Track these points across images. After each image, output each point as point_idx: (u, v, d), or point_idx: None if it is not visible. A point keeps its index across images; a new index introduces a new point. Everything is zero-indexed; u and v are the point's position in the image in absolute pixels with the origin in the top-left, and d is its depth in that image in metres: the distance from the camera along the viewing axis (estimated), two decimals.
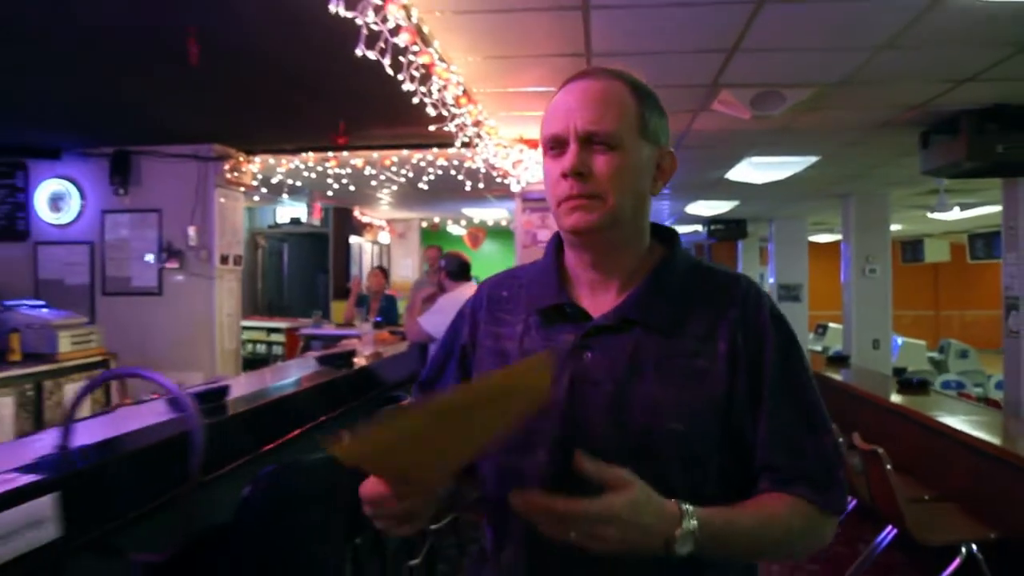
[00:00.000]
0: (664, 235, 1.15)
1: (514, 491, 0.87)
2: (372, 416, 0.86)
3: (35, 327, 4.64)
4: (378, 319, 6.40)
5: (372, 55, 2.69)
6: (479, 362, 1.16)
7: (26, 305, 5.00)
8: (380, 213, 11.79)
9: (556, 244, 1.17)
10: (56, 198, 6.48)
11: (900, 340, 11.12)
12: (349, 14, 2.46)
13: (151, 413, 2.37)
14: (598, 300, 1.10)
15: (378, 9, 2.62)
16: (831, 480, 1.04)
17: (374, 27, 2.66)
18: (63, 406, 4.45)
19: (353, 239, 11.28)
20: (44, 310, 5.02)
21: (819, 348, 12.14)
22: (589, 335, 1.06)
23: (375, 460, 0.85)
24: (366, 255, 12.00)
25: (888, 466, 3.42)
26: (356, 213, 11.11)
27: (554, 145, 1.06)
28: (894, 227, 12.57)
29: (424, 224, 13.10)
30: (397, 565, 2.98)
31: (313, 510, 2.13)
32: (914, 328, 15.58)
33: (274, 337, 8.21)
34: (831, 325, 13.02)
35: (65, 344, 4.68)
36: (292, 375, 3.42)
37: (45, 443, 1.84)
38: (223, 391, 2.48)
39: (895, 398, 4.87)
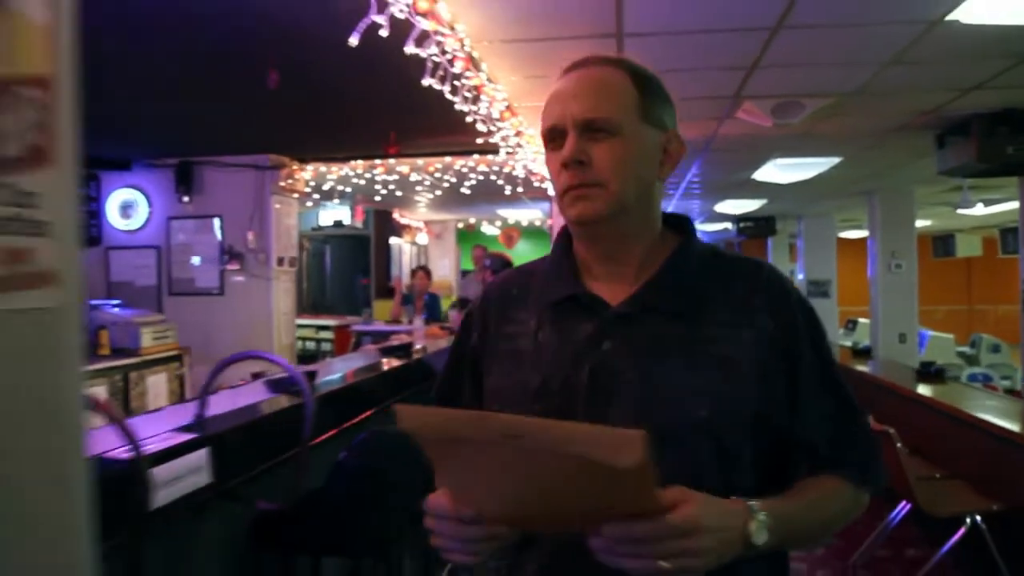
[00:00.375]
0: (677, 223, 1.12)
1: (592, 536, 0.82)
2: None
3: (120, 324, 5.13)
4: (424, 316, 6.84)
5: (436, 84, 3.10)
6: (491, 366, 1.12)
7: (108, 305, 5.50)
8: (418, 215, 12.25)
9: (565, 237, 1.14)
10: (126, 206, 7.01)
11: (929, 334, 11.31)
12: (419, 51, 2.87)
13: (251, 393, 2.80)
14: (613, 290, 1.06)
15: (439, 43, 3.03)
16: (873, 460, 1.07)
17: (435, 59, 3.06)
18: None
19: (393, 240, 11.76)
20: (125, 309, 5.52)
21: (849, 343, 12.36)
22: (608, 324, 1.03)
23: (429, 431, 0.83)
24: (405, 255, 12.47)
25: (899, 444, 3.75)
26: (395, 215, 11.59)
27: (553, 137, 1.04)
28: (925, 222, 12.75)
29: (460, 225, 13.54)
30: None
31: (395, 473, 2.53)
32: (946, 323, 15.64)
33: (323, 334, 8.69)
34: (860, 320, 13.21)
35: (147, 339, 5.17)
36: (363, 362, 3.86)
37: (187, 412, 2.26)
38: (313, 374, 2.91)
39: (912, 387, 5.17)
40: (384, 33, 2.53)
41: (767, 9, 3.05)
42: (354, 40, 2.45)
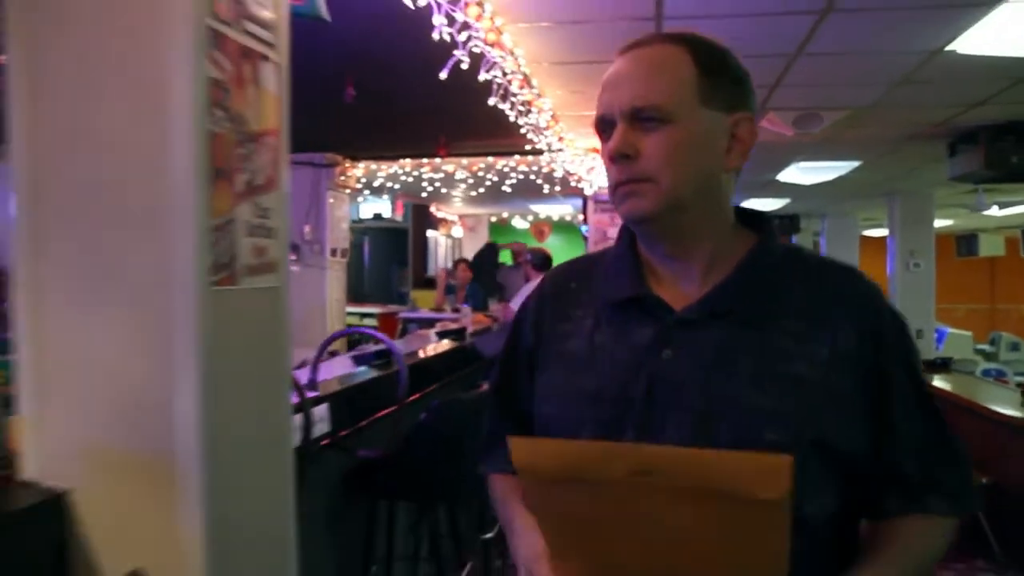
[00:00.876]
0: (752, 220, 1.03)
1: None
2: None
3: None
4: (466, 304, 7.34)
5: (499, 103, 3.60)
6: (545, 365, 1.04)
7: None
8: (453, 209, 12.77)
9: (629, 232, 1.04)
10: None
11: (948, 331, 11.62)
12: (488, 75, 3.36)
13: (342, 365, 3.33)
14: (678, 292, 0.96)
15: (500, 67, 3.52)
16: (965, 483, 0.98)
17: (498, 80, 3.56)
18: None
19: (429, 233, 12.29)
20: None
21: None
22: (670, 330, 0.93)
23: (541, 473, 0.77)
24: (440, 248, 13.00)
25: None
26: (432, 209, 12.11)
27: (603, 128, 0.95)
28: (947, 222, 13.04)
29: (493, 219, 14.05)
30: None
31: (465, 432, 3.02)
32: (968, 321, 15.78)
33: (367, 321, 9.23)
34: None
35: None
36: (425, 344, 4.40)
37: (302, 376, 2.78)
38: (388, 351, 3.43)
39: None
40: (437, 34, 2.98)
41: (790, 36, 3.50)
42: (443, 75, 2.94)
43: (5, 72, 1.41)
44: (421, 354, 3.70)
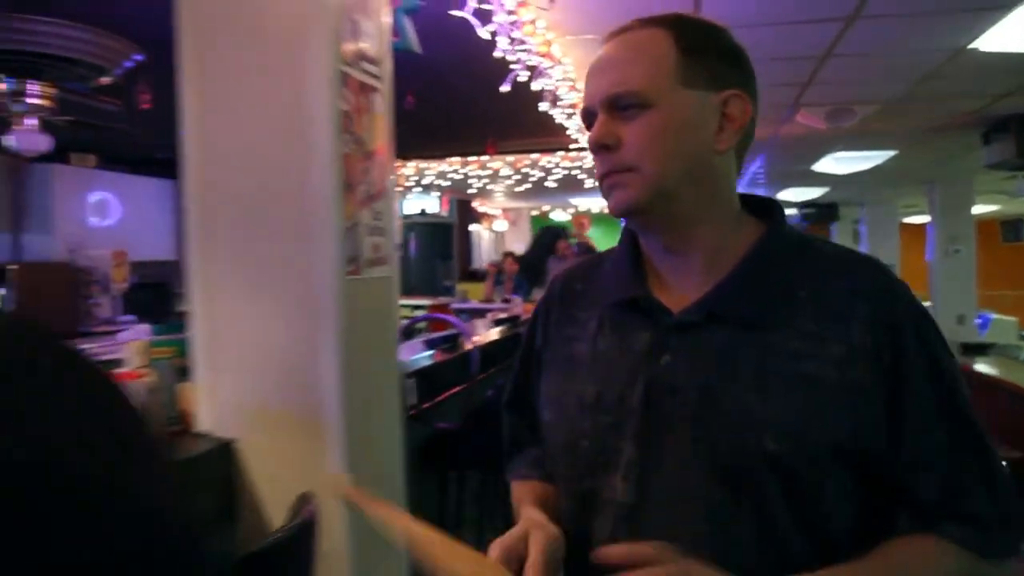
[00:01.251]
0: (762, 208, 0.94)
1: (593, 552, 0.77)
2: None
3: None
4: (515, 295, 7.70)
5: (549, 108, 3.93)
6: (549, 369, 1.00)
7: None
8: (496, 203, 13.13)
9: (630, 230, 0.98)
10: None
11: (992, 317, 11.66)
12: (538, 84, 3.70)
13: (412, 349, 3.70)
14: (679, 290, 0.91)
15: (549, 75, 3.85)
16: (1000, 516, 0.83)
17: (548, 87, 3.89)
18: None
19: (472, 227, 12.68)
20: None
21: None
22: (667, 334, 0.88)
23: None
24: (483, 241, 13.38)
25: None
26: (475, 204, 12.50)
27: (589, 120, 0.90)
28: (991, 207, 13.02)
29: (534, 212, 14.38)
30: None
31: None
32: (1016, 307, 15.71)
33: (417, 312, 9.64)
34: (924, 304, 13.54)
35: None
36: (485, 330, 4.77)
37: None
38: (456, 336, 3.80)
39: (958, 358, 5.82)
40: (499, 53, 3.32)
41: (819, 41, 3.76)
42: (506, 88, 3.28)
43: (178, 109, 1.79)
44: (483, 339, 4.06)
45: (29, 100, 3.87)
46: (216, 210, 1.78)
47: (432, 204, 11.43)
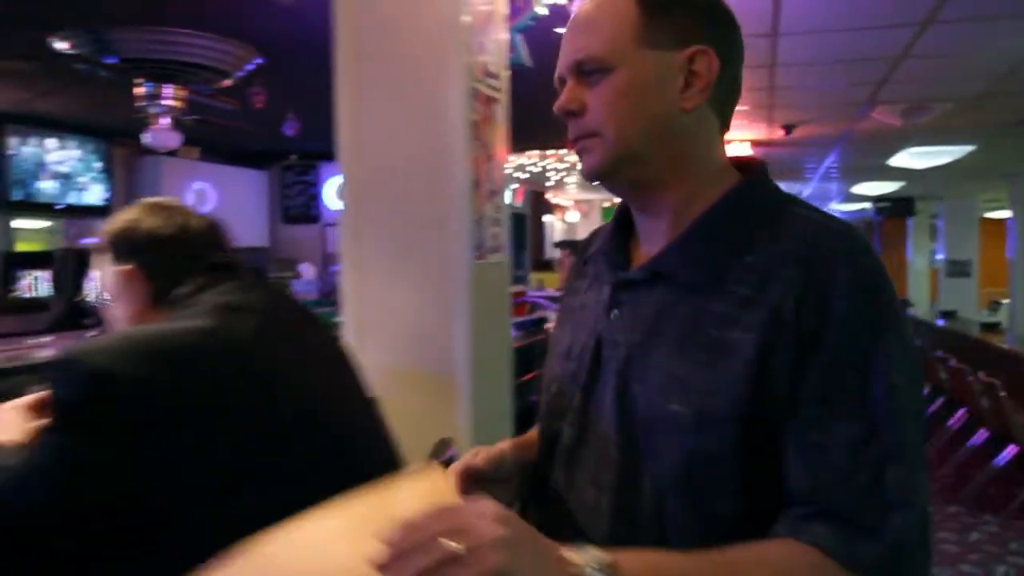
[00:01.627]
0: (752, 170, 0.91)
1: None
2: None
3: None
4: None
5: None
6: (560, 317, 1.07)
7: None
8: (568, 195, 13.41)
9: None
10: (341, 189, 8.56)
11: None
12: None
13: None
14: (649, 248, 0.92)
15: None
16: (876, 519, 0.72)
17: None
18: None
19: (545, 218, 13.00)
20: None
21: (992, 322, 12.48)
22: (620, 289, 0.90)
23: None
24: (556, 232, 13.69)
25: (1003, 394, 4.57)
26: (548, 196, 12.80)
27: (562, 87, 0.90)
28: None
29: (606, 204, 14.59)
30: None
31: None
32: None
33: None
34: (1004, 302, 13.28)
35: None
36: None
37: None
38: (544, 319, 4.12)
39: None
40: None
41: (894, 44, 3.93)
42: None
43: (334, 119, 2.14)
44: None
45: (163, 102, 4.33)
46: (367, 205, 2.13)
47: (507, 196, 11.78)
